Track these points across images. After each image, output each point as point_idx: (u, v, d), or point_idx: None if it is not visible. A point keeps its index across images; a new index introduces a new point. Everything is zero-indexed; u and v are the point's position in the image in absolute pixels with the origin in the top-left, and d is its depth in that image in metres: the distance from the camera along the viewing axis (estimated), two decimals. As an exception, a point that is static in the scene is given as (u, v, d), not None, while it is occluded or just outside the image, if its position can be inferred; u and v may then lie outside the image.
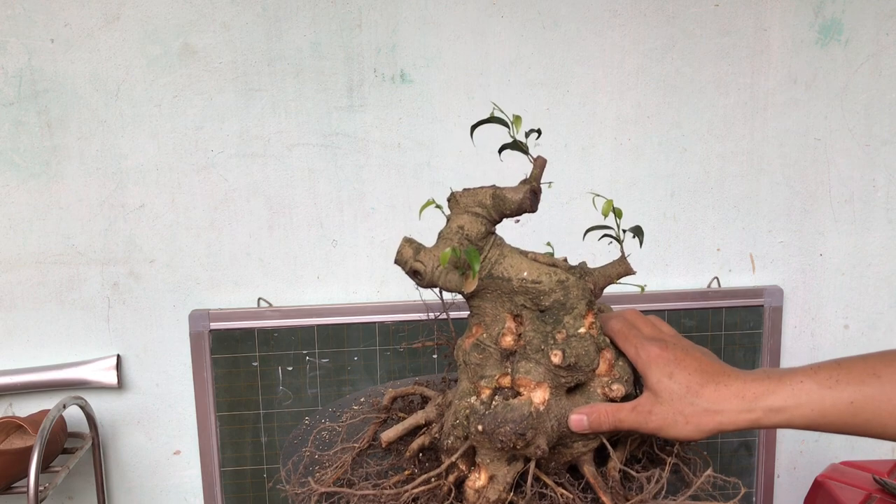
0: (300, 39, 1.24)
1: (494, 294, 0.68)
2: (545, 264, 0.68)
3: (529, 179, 0.68)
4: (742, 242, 1.37)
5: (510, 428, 0.63)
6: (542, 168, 0.68)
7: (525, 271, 0.67)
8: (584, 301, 0.67)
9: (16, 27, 1.20)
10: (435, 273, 0.66)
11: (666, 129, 1.32)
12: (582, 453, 0.67)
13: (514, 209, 0.67)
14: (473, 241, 0.67)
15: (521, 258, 0.68)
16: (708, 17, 1.28)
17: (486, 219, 0.68)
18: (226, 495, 1.32)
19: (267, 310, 1.29)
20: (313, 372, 1.30)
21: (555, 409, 0.66)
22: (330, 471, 0.73)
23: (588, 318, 0.67)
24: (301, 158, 1.28)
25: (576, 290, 0.67)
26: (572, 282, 0.67)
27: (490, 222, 0.68)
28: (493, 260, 0.68)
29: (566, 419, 0.66)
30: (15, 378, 1.27)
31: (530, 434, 0.64)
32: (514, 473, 0.65)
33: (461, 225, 0.67)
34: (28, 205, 1.26)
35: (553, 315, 0.67)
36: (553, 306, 0.67)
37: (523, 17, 1.26)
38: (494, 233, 0.69)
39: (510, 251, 0.68)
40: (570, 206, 1.33)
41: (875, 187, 1.37)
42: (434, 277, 0.67)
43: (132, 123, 1.24)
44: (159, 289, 1.30)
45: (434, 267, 0.66)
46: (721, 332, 1.35)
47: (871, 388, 0.58)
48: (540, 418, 0.64)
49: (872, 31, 1.31)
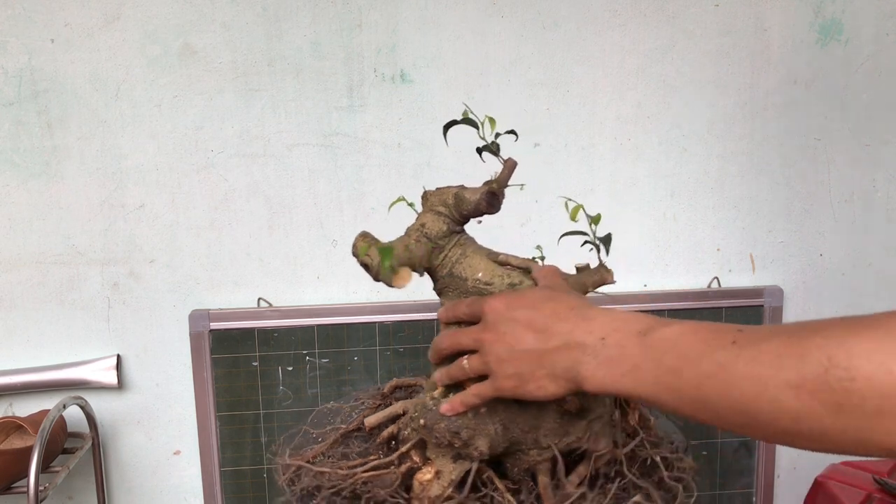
0: (300, 39, 1.24)
1: (455, 293, 0.69)
2: (515, 267, 0.68)
3: (492, 181, 0.69)
4: (742, 242, 1.37)
5: (444, 425, 0.65)
6: (511, 171, 0.68)
7: (480, 272, 0.68)
8: None
9: (16, 27, 1.20)
10: (379, 268, 0.68)
11: (666, 129, 1.32)
12: (537, 461, 0.67)
13: (471, 209, 0.68)
14: (433, 238, 0.69)
15: (481, 259, 0.68)
16: (708, 17, 1.28)
17: (449, 218, 0.69)
18: (226, 495, 1.32)
19: (267, 310, 1.29)
20: (313, 372, 1.30)
21: (502, 413, 0.66)
22: (316, 447, 0.75)
23: None
24: (301, 158, 1.28)
25: None
26: (510, 285, 0.68)
27: (453, 221, 0.69)
28: (454, 259, 0.69)
29: (517, 425, 0.66)
30: (15, 378, 1.27)
31: (466, 434, 0.65)
32: (460, 472, 0.66)
33: (423, 223, 0.70)
34: (28, 205, 1.26)
35: None
36: None
37: (523, 17, 1.26)
38: (461, 232, 0.70)
39: (474, 251, 0.69)
40: (570, 206, 1.33)
41: (875, 187, 1.37)
42: (378, 272, 0.68)
43: (132, 123, 1.24)
44: (159, 289, 1.30)
45: (378, 262, 0.68)
46: (721, 332, 1.35)
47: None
48: (479, 420, 0.65)
49: (872, 31, 1.31)
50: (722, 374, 0.49)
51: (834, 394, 0.44)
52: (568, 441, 0.67)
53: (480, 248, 0.71)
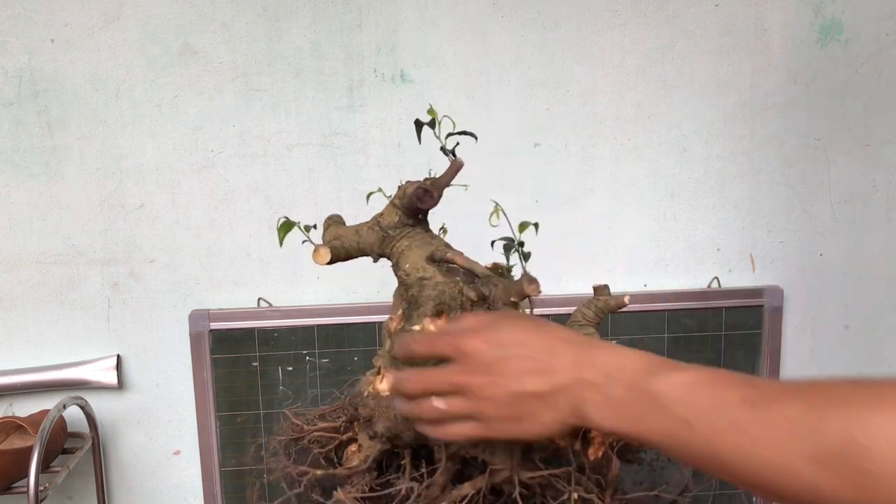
0: (300, 39, 1.24)
1: (399, 282, 0.72)
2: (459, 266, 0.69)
3: (432, 178, 0.70)
4: (742, 242, 1.37)
5: (349, 400, 0.70)
6: (455, 171, 0.69)
7: (409, 264, 0.70)
8: (434, 303, 0.67)
9: (16, 27, 1.20)
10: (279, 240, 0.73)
11: (666, 129, 1.32)
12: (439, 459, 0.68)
13: (407, 203, 0.70)
14: (384, 227, 0.72)
15: (417, 253, 0.70)
16: (708, 17, 1.28)
17: (402, 210, 0.71)
18: (226, 495, 1.31)
19: (267, 310, 1.29)
20: (313, 372, 1.30)
21: None
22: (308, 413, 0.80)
23: (427, 319, 0.67)
24: (301, 158, 1.28)
25: (433, 290, 0.67)
26: (434, 283, 0.68)
27: (405, 214, 0.71)
28: (400, 251, 0.71)
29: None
30: (15, 378, 1.27)
31: (364, 411, 0.68)
32: (375, 450, 0.69)
33: (382, 213, 0.73)
34: (28, 205, 1.26)
35: (412, 308, 0.68)
36: (411, 300, 0.69)
37: (523, 17, 1.26)
38: (414, 225, 0.72)
39: (419, 245, 0.70)
40: (570, 206, 1.33)
41: (875, 187, 1.37)
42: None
43: (132, 123, 1.24)
44: (159, 289, 1.30)
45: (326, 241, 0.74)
46: (721, 332, 1.35)
47: None
48: (379, 402, 0.68)
49: (872, 31, 1.31)
50: (735, 433, 0.47)
51: (854, 473, 0.43)
52: (461, 443, 0.66)
53: (429, 243, 0.71)
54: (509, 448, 0.65)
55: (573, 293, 1.33)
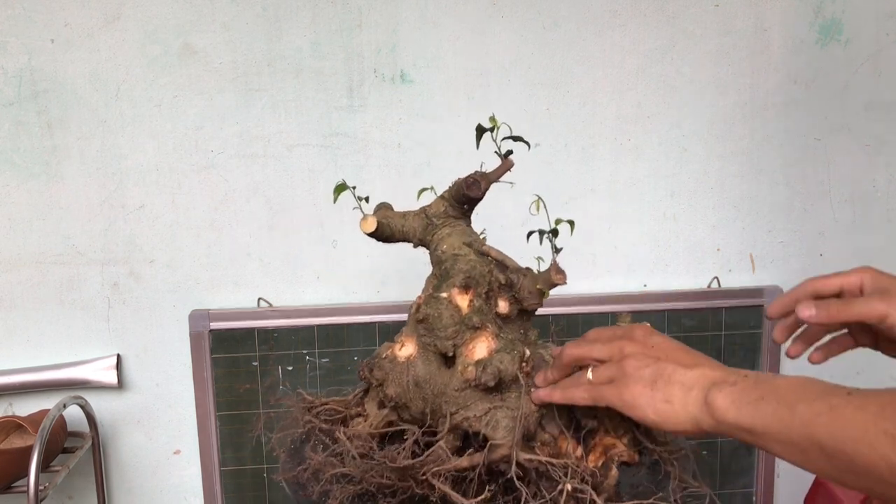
0: (300, 39, 1.24)
1: (434, 264, 0.77)
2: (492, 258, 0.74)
3: (482, 172, 0.75)
4: (742, 242, 1.37)
5: (367, 362, 0.74)
6: (504, 169, 0.75)
7: (446, 245, 0.75)
8: (463, 275, 0.71)
9: (16, 27, 1.20)
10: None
11: (666, 129, 1.32)
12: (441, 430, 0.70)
13: (455, 192, 0.75)
14: (430, 216, 0.77)
15: (456, 238, 0.75)
16: (708, 17, 1.28)
17: (448, 202, 0.77)
18: (226, 495, 1.32)
19: (267, 310, 1.29)
20: (313, 372, 1.30)
21: (422, 370, 0.71)
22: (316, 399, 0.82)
23: (455, 290, 0.71)
24: (301, 158, 1.28)
25: (465, 265, 0.72)
26: (467, 259, 0.73)
27: (450, 205, 0.76)
28: (441, 237, 0.76)
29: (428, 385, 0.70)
30: (15, 378, 1.27)
31: (378, 373, 0.73)
32: (382, 419, 0.73)
33: (430, 204, 0.78)
34: (28, 205, 1.26)
35: (443, 280, 0.73)
36: (443, 273, 0.73)
37: (523, 17, 1.26)
38: (459, 217, 0.77)
39: (460, 233, 0.76)
40: (570, 206, 1.33)
41: (875, 187, 1.37)
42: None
43: (132, 123, 1.24)
44: (159, 289, 1.30)
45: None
46: (721, 332, 1.35)
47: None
48: (395, 366, 0.72)
49: (872, 31, 1.31)
50: (831, 414, 0.52)
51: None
52: (466, 416, 0.68)
53: (469, 234, 0.76)
54: (513, 427, 0.66)
55: (573, 293, 1.33)
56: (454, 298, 0.71)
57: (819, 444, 0.52)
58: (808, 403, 0.54)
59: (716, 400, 0.58)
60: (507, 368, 0.68)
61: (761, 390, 0.57)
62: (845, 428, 0.51)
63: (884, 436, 0.48)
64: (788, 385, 0.56)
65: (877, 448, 0.49)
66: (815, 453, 0.53)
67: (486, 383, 0.67)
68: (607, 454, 0.68)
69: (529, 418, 0.67)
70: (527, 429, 0.67)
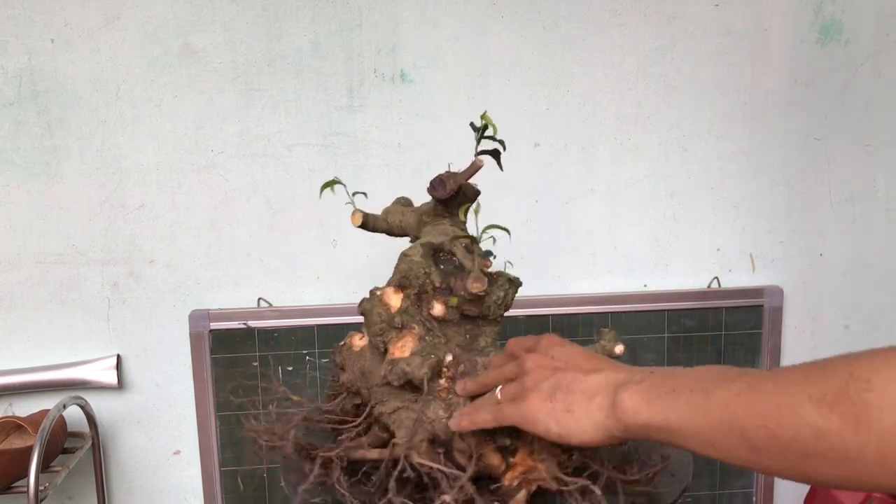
0: (300, 39, 1.24)
1: None
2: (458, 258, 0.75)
3: (452, 172, 0.77)
4: (742, 242, 1.37)
5: (335, 347, 0.80)
6: (473, 170, 0.75)
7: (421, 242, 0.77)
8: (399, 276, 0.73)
9: (16, 27, 1.20)
10: None
11: (666, 129, 1.32)
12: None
13: (428, 189, 0.77)
14: (422, 213, 0.79)
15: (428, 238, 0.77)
16: (708, 17, 1.28)
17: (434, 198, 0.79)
18: (226, 495, 1.32)
19: (267, 310, 1.29)
20: (313, 372, 1.29)
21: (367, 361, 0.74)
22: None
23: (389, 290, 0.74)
24: (301, 158, 1.28)
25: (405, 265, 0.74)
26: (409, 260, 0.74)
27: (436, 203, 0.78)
28: (424, 234, 0.79)
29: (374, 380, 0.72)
30: (15, 378, 1.27)
31: (339, 359, 0.78)
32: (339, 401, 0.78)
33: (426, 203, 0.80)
34: (28, 205, 1.26)
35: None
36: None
37: (523, 17, 1.26)
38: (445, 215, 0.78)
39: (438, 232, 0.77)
40: (570, 206, 1.33)
41: (875, 187, 1.37)
42: None
43: (132, 123, 1.24)
44: (159, 289, 1.30)
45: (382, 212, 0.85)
46: (721, 332, 1.35)
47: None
48: (350, 354, 0.76)
49: (872, 31, 1.31)
50: (750, 392, 0.49)
51: (853, 406, 0.43)
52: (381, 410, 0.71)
53: (445, 233, 0.76)
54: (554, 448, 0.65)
55: (573, 293, 1.33)
56: (385, 297, 0.73)
57: (740, 428, 0.48)
58: (725, 386, 0.50)
59: (623, 401, 0.55)
60: (414, 372, 0.68)
61: (672, 383, 0.54)
62: (766, 403, 0.47)
63: (808, 400, 0.45)
64: (703, 373, 0.53)
65: (801, 415, 0.45)
66: (735, 438, 0.49)
67: (391, 383, 0.69)
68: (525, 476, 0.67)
69: (436, 424, 0.67)
70: (434, 434, 0.67)
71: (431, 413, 0.68)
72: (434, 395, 0.68)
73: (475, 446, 0.66)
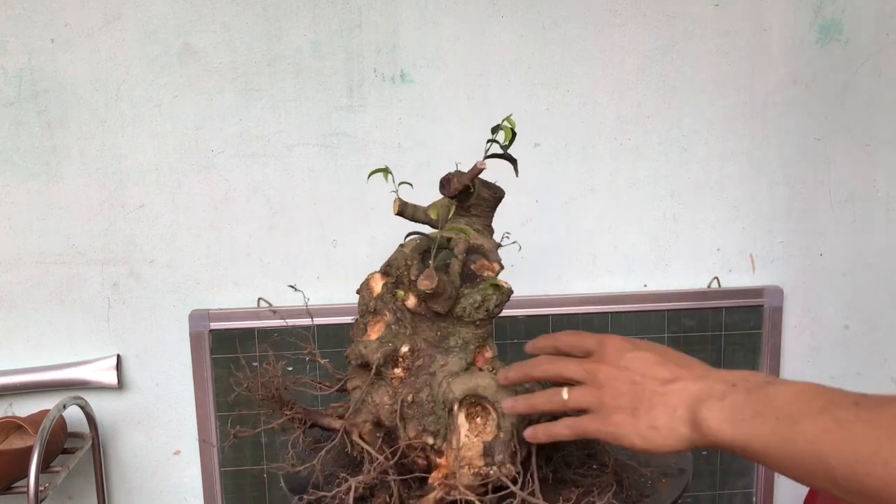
0: (300, 39, 1.24)
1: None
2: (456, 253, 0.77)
3: (456, 172, 0.79)
4: (742, 242, 1.37)
5: None
6: (475, 172, 0.77)
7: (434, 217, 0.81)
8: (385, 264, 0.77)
9: (16, 27, 1.20)
10: None
11: (666, 129, 1.32)
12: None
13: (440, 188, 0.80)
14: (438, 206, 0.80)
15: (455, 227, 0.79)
16: (708, 17, 1.28)
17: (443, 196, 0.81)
18: (226, 495, 1.31)
19: (267, 310, 1.29)
20: (313, 372, 1.29)
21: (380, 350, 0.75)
22: None
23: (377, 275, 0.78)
24: (301, 158, 1.28)
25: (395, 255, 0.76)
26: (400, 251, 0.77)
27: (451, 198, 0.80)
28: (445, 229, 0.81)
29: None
30: (15, 378, 1.27)
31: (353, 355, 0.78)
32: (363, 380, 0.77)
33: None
34: (28, 205, 1.26)
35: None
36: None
37: (523, 17, 1.26)
38: (464, 213, 0.81)
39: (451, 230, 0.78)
40: (570, 206, 1.33)
41: (875, 187, 1.37)
42: None
43: (132, 123, 1.24)
44: (159, 289, 1.30)
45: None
46: (721, 332, 1.35)
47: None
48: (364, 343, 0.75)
49: (872, 31, 1.31)
50: (839, 430, 0.48)
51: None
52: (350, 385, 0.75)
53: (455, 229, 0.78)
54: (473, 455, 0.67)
55: (573, 293, 1.33)
56: (372, 281, 0.78)
57: (826, 465, 0.47)
58: (811, 419, 0.49)
59: (707, 420, 0.54)
60: (369, 355, 0.72)
61: (756, 405, 0.52)
62: (855, 446, 0.46)
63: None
64: (786, 396, 0.52)
65: (892, 467, 0.44)
66: (821, 473, 0.48)
67: (351, 361, 0.74)
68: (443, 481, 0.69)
69: (380, 408, 0.71)
70: (378, 418, 0.71)
71: (377, 397, 0.72)
72: (386, 382, 0.72)
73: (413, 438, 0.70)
